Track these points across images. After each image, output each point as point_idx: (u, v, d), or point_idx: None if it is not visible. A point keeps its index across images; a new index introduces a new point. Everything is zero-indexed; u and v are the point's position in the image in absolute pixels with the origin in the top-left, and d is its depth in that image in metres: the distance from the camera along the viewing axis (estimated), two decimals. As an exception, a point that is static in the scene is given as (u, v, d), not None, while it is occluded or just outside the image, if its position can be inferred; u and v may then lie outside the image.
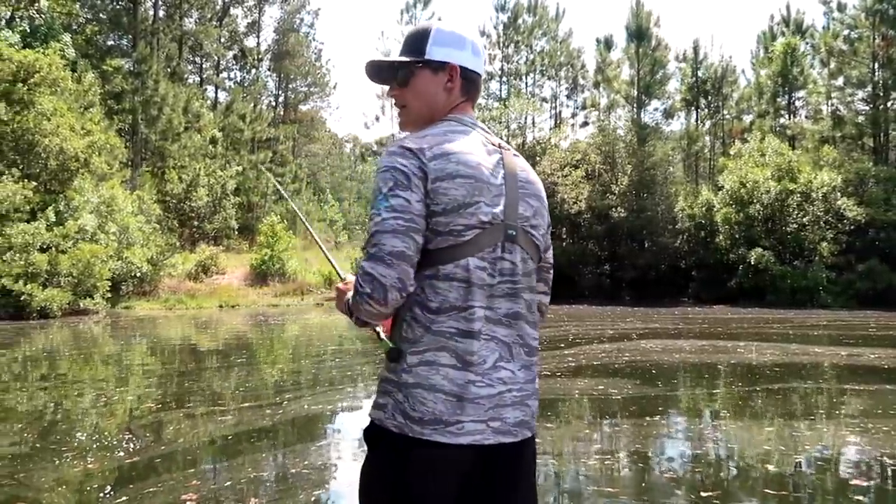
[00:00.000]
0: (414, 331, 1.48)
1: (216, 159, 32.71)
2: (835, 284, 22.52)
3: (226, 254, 27.27)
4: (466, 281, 1.48)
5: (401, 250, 1.42)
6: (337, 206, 49.35)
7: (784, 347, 11.80)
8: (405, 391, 1.46)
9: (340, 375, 9.24)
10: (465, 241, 1.48)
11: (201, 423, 6.38)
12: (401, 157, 1.47)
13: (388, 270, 1.41)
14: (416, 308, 1.48)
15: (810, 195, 23.55)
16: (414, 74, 1.63)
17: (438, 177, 1.46)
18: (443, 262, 1.48)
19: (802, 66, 29.38)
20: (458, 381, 1.44)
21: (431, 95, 1.62)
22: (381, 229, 1.44)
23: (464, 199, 1.47)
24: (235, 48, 48.92)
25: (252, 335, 15.49)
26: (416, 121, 1.66)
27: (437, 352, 1.46)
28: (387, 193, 1.45)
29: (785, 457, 5.17)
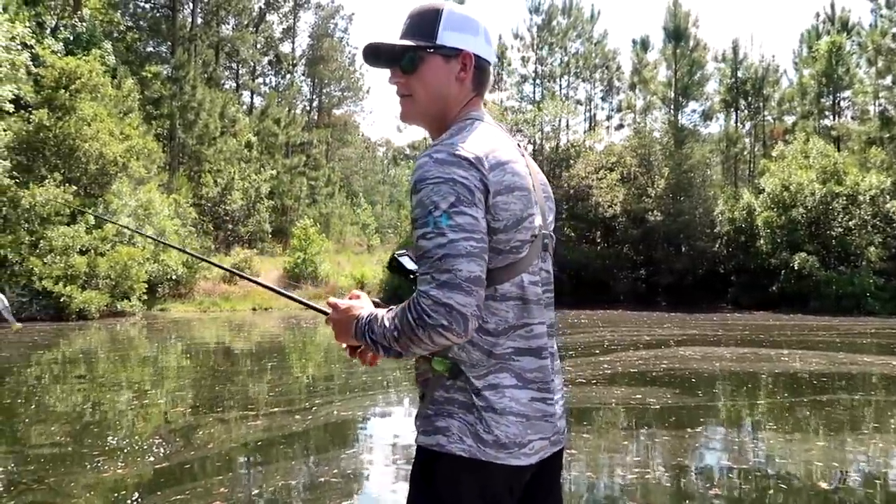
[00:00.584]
0: (471, 354, 1.39)
1: (251, 163, 33.06)
2: (883, 290, 21.72)
3: (259, 257, 27.48)
4: (522, 298, 1.42)
5: (478, 275, 1.30)
6: (370, 210, 49.51)
7: (830, 356, 11.34)
8: (476, 413, 1.37)
9: (371, 380, 9.12)
10: (521, 258, 1.41)
11: (232, 428, 6.32)
12: (459, 168, 1.32)
13: (468, 299, 1.28)
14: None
15: (857, 198, 22.78)
16: (423, 61, 1.48)
17: (498, 190, 1.35)
18: (500, 280, 1.39)
19: (848, 65, 28.53)
20: (523, 400, 1.40)
21: (442, 86, 1.48)
22: (451, 252, 1.29)
23: (521, 213, 1.39)
24: (271, 54, 49.58)
25: (284, 338, 15.52)
26: (423, 113, 1.52)
27: (498, 374, 1.40)
28: (449, 210, 1.30)
29: (832, 473, 4.88)
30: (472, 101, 1.51)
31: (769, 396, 8.12)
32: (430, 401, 1.41)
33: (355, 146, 58.28)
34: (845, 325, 17.42)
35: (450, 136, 1.41)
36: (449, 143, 1.37)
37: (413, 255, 1.43)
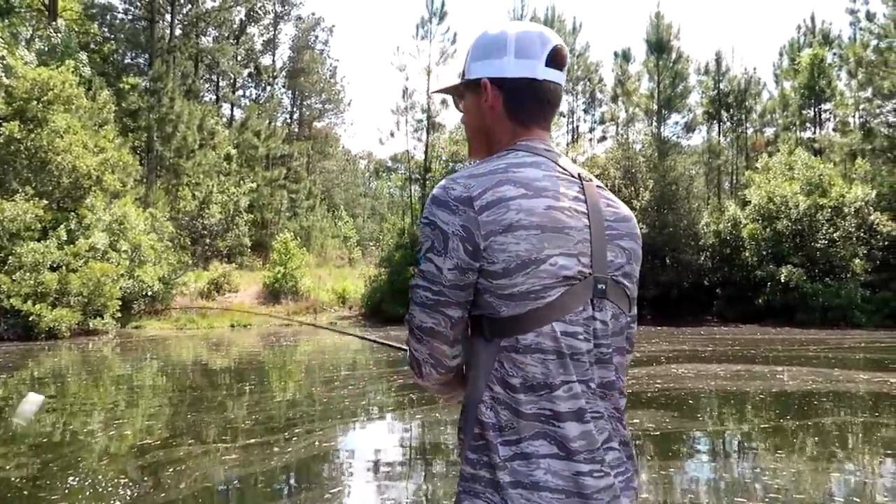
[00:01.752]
0: (499, 415, 1.24)
1: (230, 176, 32.51)
2: (868, 303, 21.64)
3: (238, 271, 26.88)
4: (556, 352, 1.24)
5: (429, 327, 1.27)
6: (351, 223, 49.06)
7: (826, 374, 11.08)
8: (502, 492, 1.21)
9: (353, 405, 8.68)
10: (547, 304, 1.23)
11: (206, 463, 5.84)
12: (443, 211, 1.25)
13: (419, 346, 1.30)
14: (496, 386, 1.25)
15: (842, 210, 22.74)
16: (463, 99, 1.46)
17: (493, 230, 1.22)
18: (522, 330, 1.23)
19: (830, 77, 28.66)
20: (563, 473, 1.21)
21: (475, 119, 1.43)
22: (413, 298, 1.30)
23: (528, 255, 1.22)
24: (251, 66, 49.20)
25: (263, 356, 14.98)
26: (477, 150, 1.46)
27: (532, 440, 1.22)
28: (424, 253, 1.28)
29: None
30: (525, 132, 1.37)
31: (773, 420, 7.78)
32: (461, 475, 1.29)
33: (336, 159, 57.94)
34: (834, 339, 17.24)
35: (465, 167, 1.34)
36: (451, 178, 1.29)
37: None
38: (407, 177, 32.39)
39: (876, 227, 22.71)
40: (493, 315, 1.25)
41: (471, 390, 1.30)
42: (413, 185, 32.19)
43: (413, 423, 7.87)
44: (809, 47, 30.42)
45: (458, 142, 28.62)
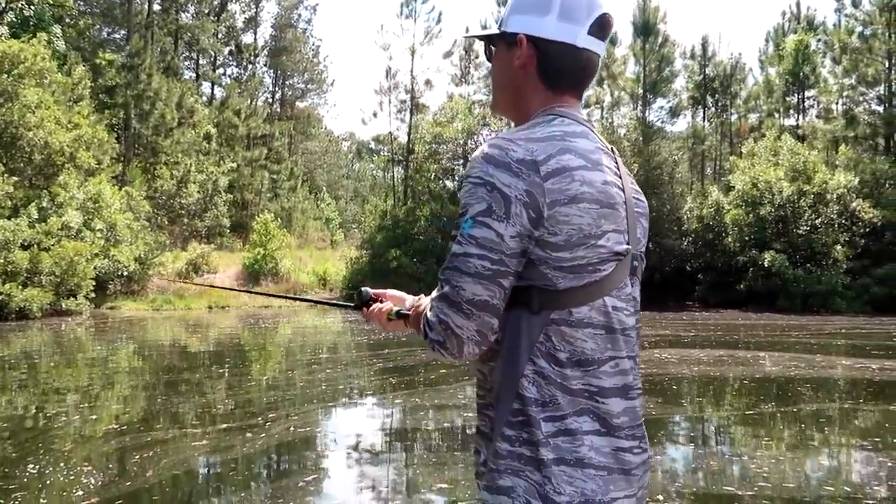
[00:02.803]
0: (543, 390, 1.20)
1: (210, 155, 31.95)
2: (849, 289, 21.75)
3: (218, 252, 26.45)
4: (606, 327, 1.22)
5: (483, 300, 1.17)
6: (333, 205, 48.59)
7: (809, 359, 11.03)
8: (545, 470, 1.17)
9: (332, 389, 8.46)
10: (603, 277, 1.22)
11: (175, 450, 5.59)
12: (504, 172, 1.16)
13: (467, 322, 1.18)
14: (541, 360, 1.20)
15: (825, 196, 22.77)
16: (494, 50, 1.38)
17: (557, 200, 1.16)
18: (576, 303, 1.20)
19: (814, 63, 28.62)
20: (605, 449, 1.20)
21: (504, 75, 1.35)
22: (461, 267, 1.17)
23: (589, 229, 1.19)
24: (232, 44, 48.31)
25: (240, 340, 14.70)
26: (501, 105, 1.39)
27: (577, 417, 1.19)
28: (475, 217, 1.16)
29: (851, 495, 4.40)
30: (557, 99, 1.31)
31: (757, 406, 7.67)
32: (494, 452, 1.21)
33: (319, 140, 57.30)
34: (815, 325, 17.28)
35: (519, 129, 1.24)
36: (508, 137, 1.20)
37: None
38: (389, 158, 32.04)
39: (858, 214, 22.78)
40: (547, 286, 1.19)
41: (506, 365, 1.22)
42: (396, 167, 31.85)
43: (393, 407, 7.67)
44: (794, 33, 30.35)
45: (442, 124, 28.30)
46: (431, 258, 24.48)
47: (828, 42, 28.99)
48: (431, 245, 25.07)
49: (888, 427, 6.56)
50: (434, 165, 28.88)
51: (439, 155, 28.66)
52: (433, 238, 25.47)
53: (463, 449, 5.78)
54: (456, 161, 29.05)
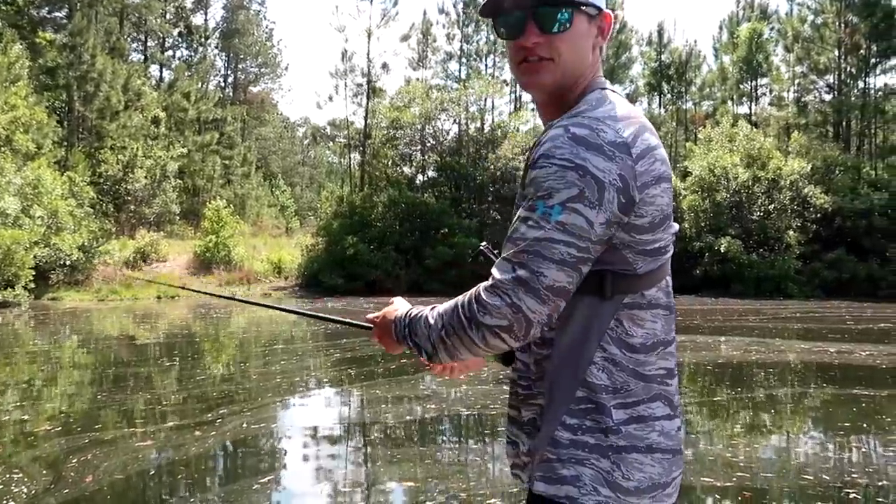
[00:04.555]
0: (614, 376, 1.16)
1: (158, 140, 30.84)
2: (800, 274, 22.19)
3: (167, 240, 25.55)
4: (668, 307, 1.22)
5: (563, 286, 1.10)
6: (289, 192, 47.66)
7: (768, 343, 11.08)
8: (614, 457, 1.14)
9: (287, 382, 8.07)
10: (669, 257, 1.22)
11: (117, 452, 5.15)
12: (597, 155, 1.08)
13: (542, 307, 1.09)
14: (612, 347, 1.16)
15: (778, 182, 23.14)
16: (573, 19, 1.22)
17: (646, 182, 1.13)
18: (649, 285, 1.18)
19: (767, 52, 29.04)
20: (671, 432, 1.20)
21: (584, 51, 1.24)
22: (544, 252, 1.09)
23: (667, 209, 1.18)
24: (181, 25, 46.86)
25: (191, 331, 14.12)
26: (560, 83, 1.24)
27: (650, 403, 1.18)
28: (564, 203, 1.08)
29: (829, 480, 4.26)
30: (597, 68, 1.29)
31: (723, 392, 7.58)
32: (551, 442, 1.17)
33: (273, 125, 56.17)
34: (770, 309, 17.52)
35: (590, 107, 1.16)
36: (593, 116, 1.13)
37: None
38: (346, 144, 31.43)
39: (809, 199, 23.22)
40: (625, 271, 1.16)
41: (571, 353, 1.17)
42: (352, 153, 31.28)
43: (352, 399, 7.35)
44: (748, 22, 30.74)
45: (399, 108, 27.82)
46: (389, 245, 24.09)
47: (781, 30, 29.46)
48: (389, 232, 24.67)
49: (856, 412, 6.52)
50: (391, 151, 28.42)
51: (397, 140, 28.19)
52: (391, 225, 25.07)
53: (426, 443, 5.50)
54: (414, 146, 28.64)
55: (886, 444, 5.44)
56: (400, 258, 23.99)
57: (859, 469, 4.68)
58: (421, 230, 24.80)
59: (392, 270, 23.55)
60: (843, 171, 24.33)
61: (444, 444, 5.58)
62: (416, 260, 24.08)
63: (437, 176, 28.24)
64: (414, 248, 24.29)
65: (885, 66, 27.57)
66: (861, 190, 23.77)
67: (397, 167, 28.88)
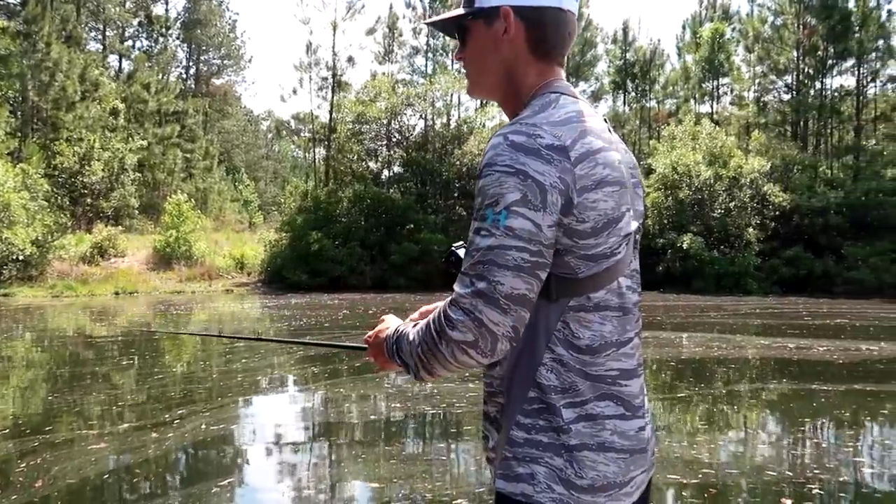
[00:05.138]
0: (562, 376, 1.18)
1: (117, 132, 30.07)
2: (759, 271, 22.65)
3: (126, 235, 24.94)
4: (622, 308, 1.22)
5: (522, 293, 1.11)
6: (252, 186, 46.98)
7: (730, 340, 11.25)
8: (566, 455, 1.17)
9: (249, 381, 7.90)
10: (618, 260, 1.20)
11: (68, 456, 4.96)
12: (535, 159, 1.11)
13: (503, 318, 1.10)
14: (559, 348, 1.18)
15: (739, 181, 23.56)
16: (469, 31, 1.28)
17: (586, 186, 1.14)
18: (594, 288, 1.19)
19: (728, 52, 29.51)
20: (629, 432, 1.21)
21: (489, 52, 1.26)
22: (497, 260, 1.10)
23: (613, 214, 1.17)
24: (141, 15, 45.83)
25: (149, 328, 13.77)
26: (486, 87, 1.31)
27: (598, 402, 1.19)
28: (509, 208, 1.10)
29: (792, 476, 4.30)
30: (549, 70, 1.26)
31: (687, 388, 7.65)
32: (508, 440, 1.20)
33: (236, 118, 55.35)
34: (730, 305, 17.82)
35: (532, 113, 1.18)
36: (530, 123, 1.15)
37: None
38: (311, 138, 31.06)
39: (768, 197, 23.69)
40: (567, 275, 1.16)
41: (522, 354, 1.19)
42: (317, 147, 30.93)
43: (315, 398, 7.22)
44: (711, 22, 31.20)
45: (365, 103, 27.58)
46: (354, 241, 23.88)
47: (742, 31, 29.97)
48: (354, 227, 24.46)
49: (815, 407, 6.63)
50: (357, 146, 28.17)
51: (362, 135, 27.96)
52: (356, 220, 24.86)
53: (392, 443, 5.41)
54: (379, 141, 28.44)
55: (846, 439, 5.53)
56: (365, 254, 23.81)
57: (820, 464, 4.74)
58: (386, 226, 24.65)
59: (357, 266, 23.36)
60: (800, 169, 24.89)
61: (409, 444, 5.50)
62: (381, 256, 23.93)
63: (402, 171, 28.10)
64: (379, 244, 24.13)
65: (840, 68, 28.28)
66: (818, 188, 24.37)
67: (363, 162, 28.65)
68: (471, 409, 6.42)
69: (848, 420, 6.16)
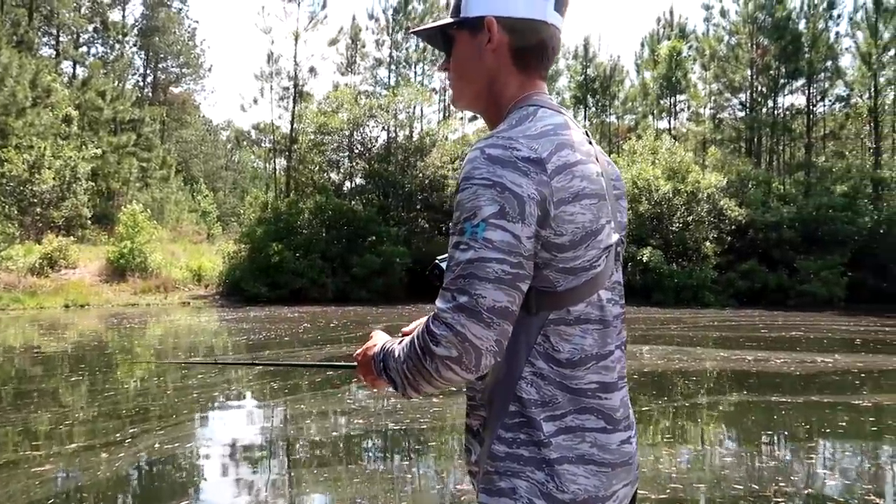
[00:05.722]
0: (542, 391, 1.18)
1: (70, 139, 29.23)
2: (716, 284, 23.06)
3: (78, 245, 24.17)
4: (602, 321, 1.21)
5: (504, 306, 1.10)
6: (211, 197, 46.17)
7: (690, 352, 11.37)
8: (547, 469, 1.16)
9: (205, 397, 7.66)
10: (597, 273, 1.19)
11: (11, 480, 4.70)
12: (512, 171, 1.11)
13: (486, 332, 1.09)
14: (539, 361, 1.18)
15: (697, 195, 24.01)
16: (454, 40, 1.30)
17: (563, 199, 1.14)
18: (574, 301, 1.18)
19: (685, 69, 30.17)
20: (610, 446, 1.21)
21: (471, 61, 1.27)
22: (478, 273, 1.09)
23: (591, 226, 1.17)
24: (97, 20, 44.88)
25: (101, 342, 13.31)
26: (463, 97, 1.33)
27: (579, 414, 1.19)
28: (488, 219, 1.10)
29: (759, 489, 4.29)
30: (530, 83, 1.27)
31: (649, 401, 7.67)
32: (489, 455, 1.20)
33: (195, 128, 54.49)
34: (689, 318, 18.08)
35: (509, 126, 1.18)
36: (506, 136, 1.15)
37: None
38: (271, 148, 30.68)
39: (724, 212, 24.19)
40: (546, 289, 1.16)
41: (502, 368, 1.19)
42: (278, 158, 30.55)
43: (275, 414, 7.02)
44: (668, 40, 31.89)
45: (327, 113, 27.37)
46: (315, 253, 23.57)
47: (699, 49, 30.69)
48: (315, 239, 24.15)
49: (777, 420, 6.70)
50: (319, 157, 27.90)
51: (324, 146, 27.71)
52: (317, 232, 24.56)
53: (355, 461, 5.27)
54: (341, 152, 28.23)
55: (808, 451, 5.58)
56: (326, 266, 23.51)
57: (785, 477, 4.76)
58: (348, 238, 24.41)
59: (318, 279, 23.05)
60: (755, 185, 25.49)
61: (372, 461, 5.37)
62: (342, 268, 23.66)
63: (365, 183, 27.92)
64: (341, 256, 23.87)
65: (792, 87, 29.13)
66: (771, 203, 24.98)
67: (324, 173, 28.38)
68: (434, 425, 6.32)
69: (808, 432, 6.23)
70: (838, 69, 28.10)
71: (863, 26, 26.64)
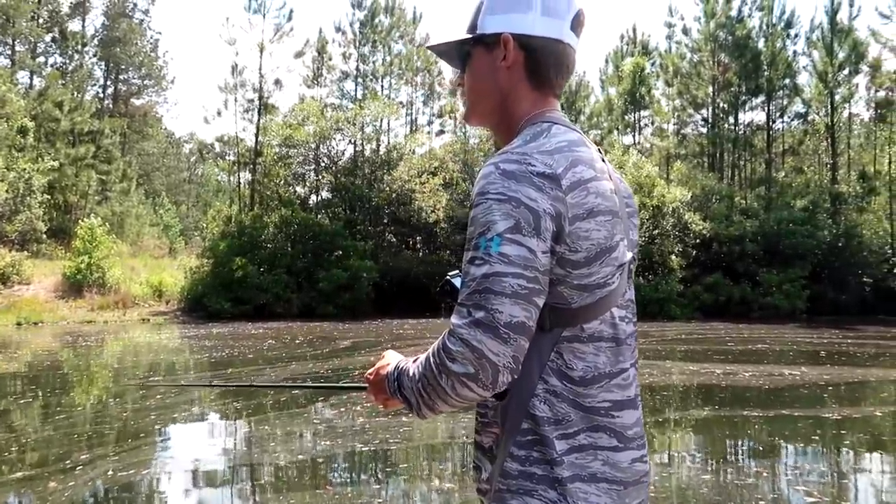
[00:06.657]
0: (555, 408, 1.17)
1: (25, 151, 28.40)
2: (682, 297, 23.28)
3: (32, 260, 23.40)
4: (615, 339, 1.21)
5: (521, 321, 1.09)
6: (173, 210, 45.30)
7: (660, 366, 11.36)
8: (560, 488, 1.15)
9: (164, 418, 7.33)
10: (611, 291, 1.19)
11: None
12: (528, 186, 1.12)
13: (503, 348, 1.08)
14: (552, 378, 1.18)
15: (662, 209, 24.27)
16: (470, 56, 1.31)
17: (578, 215, 1.14)
18: (587, 318, 1.18)
19: (649, 85, 30.60)
20: (622, 464, 1.20)
21: (486, 78, 1.29)
22: (494, 288, 1.08)
23: (605, 243, 1.17)
24: (56, 30, 43.97)
25: (55, 361, 12.79)
26: (476, 113, 1.34)
27: (591, 433, 1.18)
28: (503, 234, 1.10)
29: None
30: (544, 100, 1.28)
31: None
32: (502, 472, 1.19)
33: (157, 140, 53.53)
34: (657, 331, 18.16)
35: (523, 142, 1.18)
36: (521, 151, 1.16)
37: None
38: (235, 161, 30.19)
39: (690, 226, 24.48)
40: (560, 305, 1.16)
41: (516, 383, 1.15)
42: (242, 171, 30.08)
43: (238, 436, 6.74)
44: (632, 56, 32.36)
45: (293, 126, 27.05)
46: (280, 267, 23.17)
47: (662, 65, 31.19)
48: (280, 253, 23.75)
49: (750, 434, 6.65)
50: (284, 170, 27.54)
51: (290, 159, 27.37)
52: (282, 246, 24.17)
53: (322, 484, 5.04)
54: (307, 166, 27.90)
55: (785, 466, 5.52)
56: (291, 281, 23.12)
57: (763, 494, 4.68)
58: (314, 252, 24.07)
59: (283, 294, 22.64)
60: (718, 199, 25.88)
61: (340, 484, 5.14)
62: (308, 283, 23.30)
63: (331, 197, 27.62)
64: (306, 271, 23.51)
65: (752, 104, 29.76)
66: (734, 217, 25.37)
67: (290, 187, 28.01)
68: (404, 445, 6.12)
69: (783, 446, 6.19)
70: (796, 87, 28.79)
71: (819, 45, 27.37)
